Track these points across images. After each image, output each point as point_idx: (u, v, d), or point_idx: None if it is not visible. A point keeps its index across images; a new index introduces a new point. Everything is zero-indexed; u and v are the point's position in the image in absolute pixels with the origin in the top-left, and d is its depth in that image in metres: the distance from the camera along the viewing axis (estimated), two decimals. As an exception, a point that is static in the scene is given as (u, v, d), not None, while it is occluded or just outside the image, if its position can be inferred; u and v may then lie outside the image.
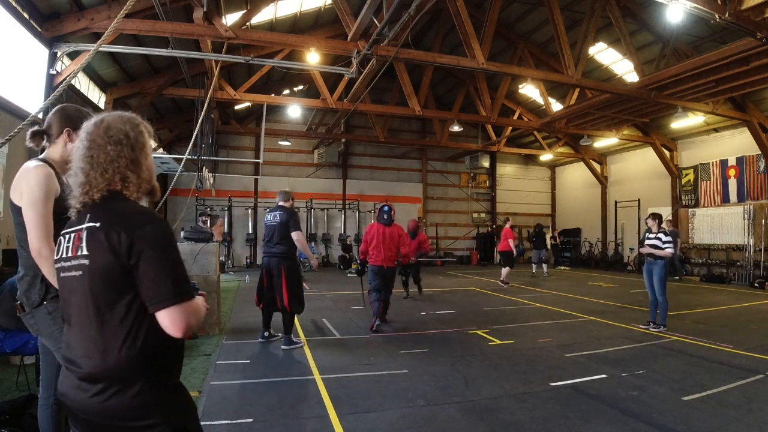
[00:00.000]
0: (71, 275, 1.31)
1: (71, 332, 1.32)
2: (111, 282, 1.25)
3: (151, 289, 1.24)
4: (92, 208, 1.33)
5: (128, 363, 1.23)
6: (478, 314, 7.52)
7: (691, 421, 3.25)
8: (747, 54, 8.02)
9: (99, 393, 1.23)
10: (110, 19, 6.87)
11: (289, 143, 16.90)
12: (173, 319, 1.24)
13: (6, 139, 2.63)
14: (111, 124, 1.38)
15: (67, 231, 1.39)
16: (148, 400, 1.25)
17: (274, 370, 4.49)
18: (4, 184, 6.37)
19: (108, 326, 1.24)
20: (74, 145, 1.43)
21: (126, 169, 1.36)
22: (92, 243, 1.27)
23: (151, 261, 1.24)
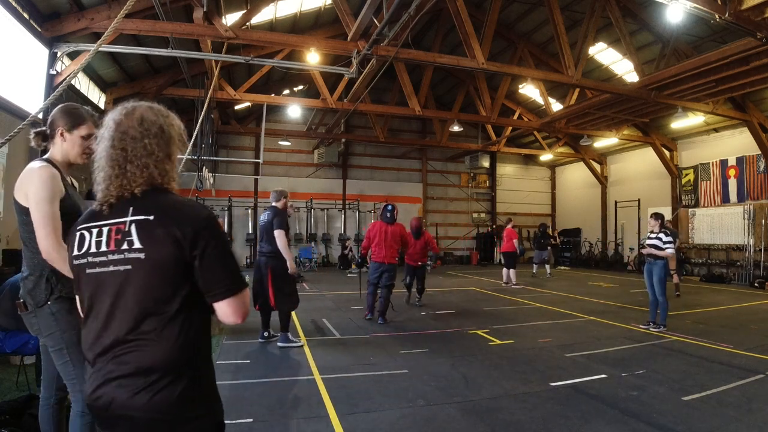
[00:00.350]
0: (107, 270, 1.26)
1: (105, 329, 1.25)
2: (169, 275, 1.23)
3: (215, 281, 1.26)
4: (133, 201, 1.29)
5: (180, 354, 1.22)
6: (478, 314, 7.52)
7: (691, 421, 3.25)
8: (747, 54, 8.03)
9: (147, 387, 1.19)
10: (110, 19, 6.87)
11: (289, 143, 16.90)
12: (236, 306, 1.29)
13: (6, 139, 2.64)
14: (144, 116, 1.34)
15: (94, 225, 1.32)
16: (196, 392, 1.25)
17: (274, 370, 4.49)
18: (4, 184, 6.37)
19: (161, 319, 1.22)
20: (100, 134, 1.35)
21: (164, 163, 1.34)
22: (148, 236, 1.24)
23: (216, 253, 1.26)
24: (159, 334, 1.22)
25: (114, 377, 1.22)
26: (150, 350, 1.21)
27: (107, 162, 1.32)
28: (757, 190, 12.50)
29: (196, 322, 1.28)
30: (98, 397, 1.23)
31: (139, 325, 1.22)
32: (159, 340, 1.21)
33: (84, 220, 1.37)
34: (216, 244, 1.27)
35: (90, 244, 1.30)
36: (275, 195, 5.46)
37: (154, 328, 1.22)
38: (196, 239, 1.24)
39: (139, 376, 1.20)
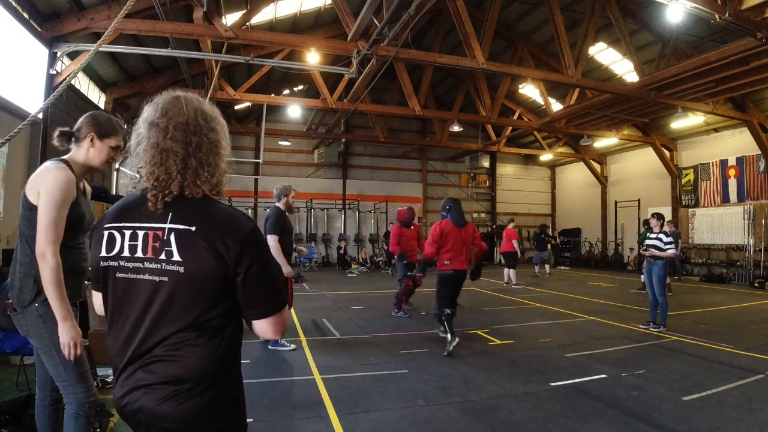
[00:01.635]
0: (141, 278, 1.19)
1: (133, 335, 1.20)
2: (208, 290, 1.17)
3: (259, 300, 1.22)
4: (174, 206, 1.19)
5: (213, 365, 1.19)
6: (478, 314, 7.52)
7: (691, 421, 3.25)
8: (747, 54, 8.02)
9: (176, 395, 1.15)
10: (110, 19, 6.87)
11: (289, 143, 16.91)
12: (276, 324, 1.25)
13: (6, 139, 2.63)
14: (203, 108, 1.27)
15: (126, 225, 1.23)
16: (225, 403, 1.23)
17: (274, 370, 4.49)
18: (4, 183, 6.37)
19: (195, 331, 1.17)
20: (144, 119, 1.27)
21: (221, 165, 1.26)
22: (188, 249, 1.16)
23: (261, 272, 1.20)
24: (192, 347, 1.17)
25: (143, 385, 1.18)
26: (182, 362, 1.17)
27: (160, 155, 1.20)
28: (757, 190, 12.50)
29: (231, 334, 1.23)
30: (126, 403, 1.20)
31: (173, 336, 1.17)
32: (192, 353, 1.17)
33: (114, 217, 1.26)
34: (262, 261, 1.21)
35: (122, 247, 1.22)
36: (275, 192, 5.22)
37: (186, 341, 1.17)
38: (241, 255, 1.17)
39: (169, 385, 1.16)
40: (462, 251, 5.27)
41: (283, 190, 5.20)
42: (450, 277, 5.29)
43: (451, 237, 5.24)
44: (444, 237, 5.24)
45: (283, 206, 5.16)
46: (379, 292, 10.13)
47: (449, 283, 5.30)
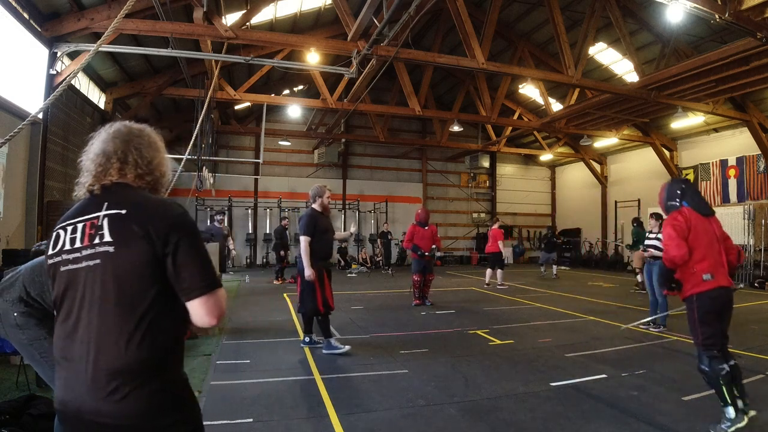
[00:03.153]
0: (80, 267, 1.23)
1: (74, 329, 1.21)
2: (138, 272, 1.19)
3: (188, 278, 1.22)
4: (108, 196, 1.29)
5: (149, 357, 1.18)
6: (478, 314, 7.52)
7: (691, 421, 3.25)
8: (747, 54, 8.03)
9: (115, 391, 1.15)
10: (110, 19, 6.87)
11: (289, 143, 16.91)
12: (209, 306, 1.24)
13: (6, 139, 2.63)
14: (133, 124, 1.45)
15: (70, 222, 1.30)
16: (167, 398, 1.22)
17: (274, 370, 4.49)
18: (4, 183, 6.37)
19: (130, 318, 1.18)
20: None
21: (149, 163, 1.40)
22: (120, 230, 1.22)
23: (188, 250, 1.23)
24: (126, 336, 1.17)
25: (80, 381, 1.17)
26: (117, 352, 1.16)
27: (92, 158, 1.35)
28: (757, 190, 12.49)
29: (167, 325, 1.23)
30: (65, 402, 1.20)
31: (106, 324, 1.17)
32: (126, 342, 1.16)
33: (63, 218, 1.34)
34: (190, 242, 1.24)
35: (64, 242, 1.28)
36: (311, 194, 5.17)
37: (120, 329, 1.17)
38: (168, 235, 1.21)
39: (107, 380, 1.15)
40: (721, 255, 3.28)
41: (317, 191, 5.13)
42: (715, 300, 3.14)
43: (701, 233, 3.24)
44: (693, 234, 3.21)
45: (319, 207, 5.11)
46: (379, 293, 10.13)
47: (715, 311, 3.15)
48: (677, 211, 3.34)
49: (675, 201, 3.41)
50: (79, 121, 8.89)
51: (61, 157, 8.06)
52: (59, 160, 7.98)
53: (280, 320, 6.93)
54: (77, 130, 8.73)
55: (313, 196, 5.13)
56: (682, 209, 3.33)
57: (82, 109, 9.04)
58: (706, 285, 3.12)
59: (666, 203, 3.47)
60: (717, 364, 3.06)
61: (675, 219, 3.27)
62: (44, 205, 7.25)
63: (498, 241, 10.91)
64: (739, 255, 3.41)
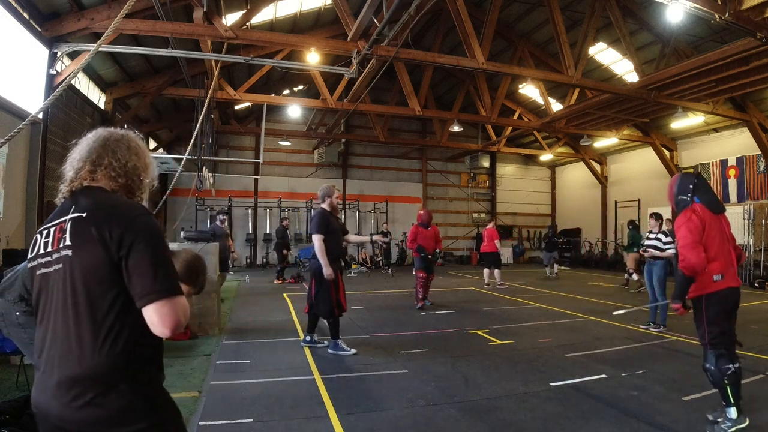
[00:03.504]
0: (50, 271, 1.23)
1: (45, 333, 1.22)
2: (96, 275, 1.17)
3: (140, 283, 1.17)
4: (77, 200, 1.29)
5: (110, 363, 1.15)
6: (478, 314, 7.52)
7: (691, 421, 3.24)
8: (747, 54, 8.03)
9: (77, 398, 1.13)
10: (110, 19, 6.87)
11: (289, 143, 16.92)
12: (162, 314, 1.16)
13: (6, 139, 2.63)
14: (113, 131, 1.45)
15: (45, 226, 1.31)
16: (132, 403, 1.18)
17: (274, 370, 4.49)
18: (4, 183, 6.37)
19: (88, 324, 1.16)
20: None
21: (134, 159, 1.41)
22: (78, 233, 1.21)
23: (142, 253, 1.18)
24: (85, 341, 1.15)
25: (49, 386, 1.17)
26: (78, 357, 1.14)
27: (70, 163, 1.37)
28: (757, 190, 12.49)
29: (130, 329, 1.19)
30: (37, 405, 1.20)
31: (68, 329, 1.16)
32: (85, 348, 1.15)
33: (43, 223, 1.36)
34: (146, 245, 1.19)
35: (39, 246, 1.29)
36: (320, 194, 5.17)
37: (79, 334, 1.15)
38: (123, 237, 1.17)
39: (68, 387, 1.14)
40: (731, 255, 3.22)
41: (326, 191, 5.13)
42: (725, 300, 3.11)
43: (714, 232, 3.13)
44: (706, 233, 3.11)
45: (329, 207, 5.12)
46: (379, 293, 10.13)
47: (725, 310, 3.12)
48: (690, 209, 3.18)
49: (686, 196, 3.25)
50: (79, 121, 8.88)
51: (61, 157, 7.96)
52: (59, 160, 7.90)
53: (280, 320, 6.93)
54: (77, 130, 8.72)
55: (322, 196, 5.12)
56: (695, 206, 3.18)
57: (82, 109, 9.03)
58: (717, 285, 3.06)
59: (677, 197, 3.32)
60: (723, 364, 3.00)
61: (690, 219, 3.10)
62: (44, 205, 7.25)
63: (494, 240, 10.86)
64: (740, 256, 3.32)
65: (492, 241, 10.88)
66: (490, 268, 11.02)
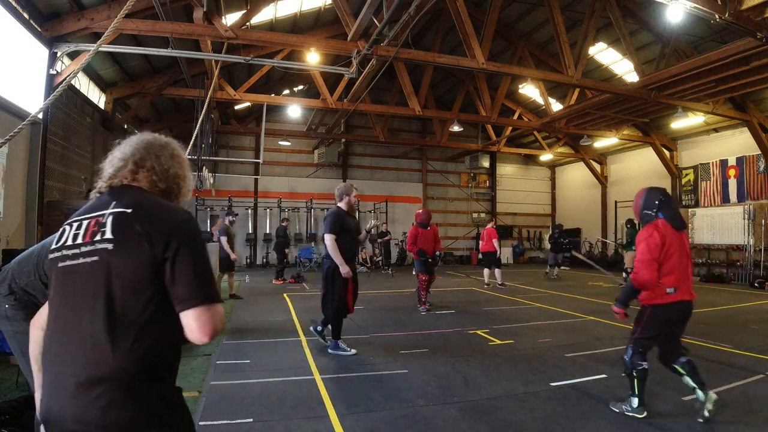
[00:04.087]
0: (76, 263, 1.19)
1: (60, 328, 1.17)
2: (136, 273, 1.15)
3: (183, 287, 1.17)
4: (118, 196, 1.28)
5: (136, 365, 1.13)
6: (478, 314, 7.52)
7: (691, 421, 3.24)
8: (747, 54, 8.03)
9: (99, 398, 1.09)
10: (110, 19, 6.87)
11: (289, 143, 16.92)
12: (203, 320, 1.17)
13: (6, 139, 2.63)
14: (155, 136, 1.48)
15: (77, 218, 1.29)
16: (155, 407, 1.16)
17: (274, 370, 4.49)
18: (4, 183, 6.37)
19: (118, 321, 1.13)
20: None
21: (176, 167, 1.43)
22: (121, 228, 1.19)
23: (188, 258, 1.18)
24: (116, 340, 1.11)
25: (67, 386, 1.11)
26: (102, 357, 1.11)
27: (110, 161, 1.37)
28: (757, 190, 12.50)
29: (160, 332, 1.18)
30: (49, 410, 1.13)
31: (97, 326, 1.12)
32: (115, 347, 1.11)
33: (72, 216, 1.33)
34: (191, 250, 1.19)
35: (67, 237, 1.26)
36: (337, 193, 5.09)
37: (110, 332, 1.12)
38: (170, 240, 1.17)
39: (90, 387, 1.09)
40: (688, 270, 3.37)
41: (345, 189, 5.05)
42: (672, 313, 3.30)
43: (674, 248, 3.28)
44: (665, 248, 3.26)
45: (345, 206, 5.05)
46: (379, 293, 10.13)
47: (667, 323, 3.33)
48: (653, 224, 3.35)
49: (651, 211, 3.44)
50: (79, 121, 8.89)
51: (61, 157, 8.06)
52: (59, 160, 7.98)
53: (280, 320, 6.93)
54: (77, 130, 8.74)
55: (340, 195, 5.05)
56: (658, 222, 3.35)
57: (82, 109, 9.03)
58: (669, 298, 3.25)
59: (642, 211, 3.50)
60: (637, 360, 3.34)
61: (651, 236, 3.27)
62: (44, 205, 7.25)
63: (492, 239, 10.77)
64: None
65: (491, 241, 10.80)
66: (491, 268, 10.98)
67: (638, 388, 3.32)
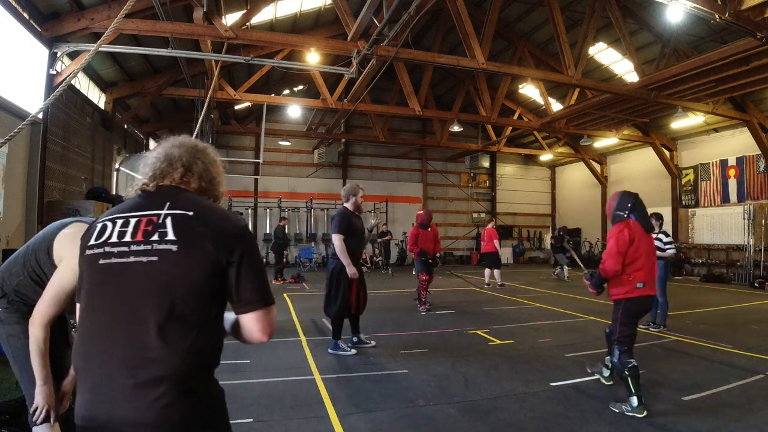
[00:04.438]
0: (127, 261, 1.15)
1: (108, 328, 1.13)
2: (199, 275, 1.15)
3: (248, 291, 1.20)
4: (171, 196, 1.26)
5: (194, 365, 1.14)
6: (478, 314, 7.52)
7: (691, 421, 3.24)
8: (747, 54, 8.03)
9: (160, 398, 1.08)
10: (110, 19, 6.87)
11: (289, 143, 16.92)
12: (265, 322, 1.23)
13: (6, 139, 2.63)
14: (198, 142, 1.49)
15: (121, 215, 1.24)
16: (208, 406, 1.19)
17: (274, 370, 4.49)
18: (4, 183, 6.37)
19: (181, 321, 1.12)
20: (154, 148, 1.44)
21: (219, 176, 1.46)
22: (186, 230, 1.18)
23: (251, 263, 1.22)
24: (175, 339, 1.11)
25: (121, 388, 1.08)
26: (164, 356, 1.09)
27: (153, 161, 1.35)
28: (757, 190, 12.50)
29: (214, 334, 1.21)
30: (94, 417, 1.09)
31: (154, 326, 1.10)
32: (174, 347, 1.10)
33: (110, 212, 1.29)
34: (254, 256, 1.24)
35: (111, 234, 1.21)
36: (343, 193, 5.14)
37: (169, 332, 1.11)
38: (234, 244, 1.19)
39: (152, 387, 1.07)
40: (654, 267, 3.77)
41: (351, 190, 5.10)
42: (642, 305, 3.68)
43: (643, 248, 3.64)
44: (635, 246, 3.60)
45: (352, 206, 5.09)
46: (379, 293, 10.13)
47: (638, 315, 3.70)
48: (624, 222, 3.66)
49: (623, 212, 3.74)
50: (79, 121, 8.88)
51: (61, 157, 8.06)
52: (59, 160, 7.97)
53: (280, 320, 6.93)
54: (77, 130, 8.73)
55: (347, 195, 5.10)
56: (630, 221, 3.66)
57: (82, 109, 9.03)
58: (639, 292, 3.58)
59: (614, 212, 3.78)
60: (626, 358, 3.51)
61: (621, 232, 3.60)
62: (44, 205, 7.24)
63: (493, 240, 10.79)
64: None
65: (492, 242, 10.82)
66: (491, 268, 10.98)
67: (634, 387, 3.40)
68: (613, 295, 3.71)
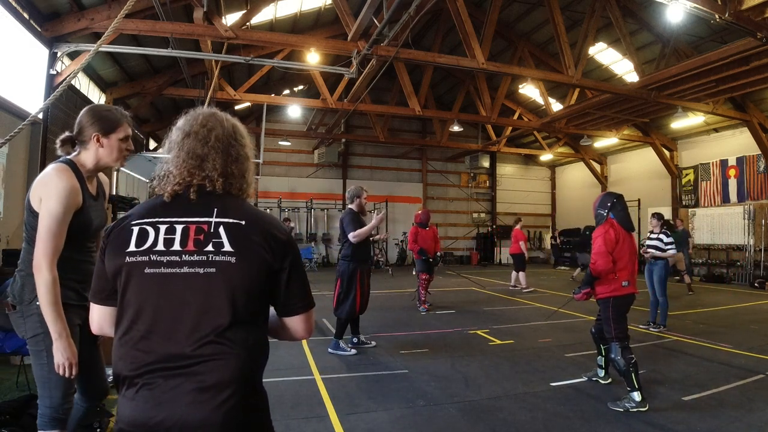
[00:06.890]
0: (183, 272, 1.14)
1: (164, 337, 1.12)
2: (256, 281, 1.18)
3: (297, 295, 1.29)
4: (217, 202, 1.23)
5: (253, 367, 1.20)
6: (478, 314, 7.52)
7: (691, 421, 3.25)
8: (747, 54, 8.03)
9: (228, 400, 1.10)
10: (110, 19, 6.87)
11: (289, 143, 16.92)
12: (309, 323, 1.36)
13: (6, 139, 2.63)
14: (237, 125, 1.46)
15: (161, 220, 1.20)
16: (262, 406, 1.28)
17: (274, 370, 4.48)
18: (4, 183, 6.37)
19: (241, 329, 1.15)
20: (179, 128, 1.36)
21: (250, 174, 1.39)
22: (241, 241, 1.18)
23: (300, 270, 1.30)
24: (238, 345, 1.14)
25: (184, 394, 1.08)
26: (228, 364, 1.11)
27: (183, 159, 1.27)
28: (757, 190, 12.50)
29: (264, 334, 1.28)
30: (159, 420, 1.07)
31: (219, 333, 1.12)
32: (238, 351, 1.14)
33: (144, 214, 1.22)
34: (300, 259, 1.31)
35: (156, 241, 1.17)
36: (348, 195, 5.29)
37: (232, 338, 1.13)
38: (286, 251, 1.24)
39: (219, 391, 1.09)
40: (635, 266, 3.90)
41: (356, 192, 5.22)
42: (627, 303, 3.84)
43: (626, 247, 3.79)
44: (619, 246, 3.77)
45: (356, 208, 5.19)
46: (380, 292, 10.12)
47: (624, 311, 3.83)
48: (608, 222, 3.83)
49: (604, 211, 3.91)
50: (79, 121, 8.88)
51: (61, 157, 8.06)
52: (59, 160, 7.98)
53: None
54: (77, 130, 8.72)
55: (351, 197, 5.22)
56: (613, 222, 3.83)
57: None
58: (624, 290, 3.75)
59: (596, 211, 3.98)
60: (627, 354, 3.59)
61: (607, 232, 3.75)
62: (44, 205, 7.24)
63: (519, 241, 10.49)
64: None
65: (517, 243, 10.52)
66: (517, 271, 10.63)
67: (636, 381, 3.48)
68: (600, 293, 3.82)
